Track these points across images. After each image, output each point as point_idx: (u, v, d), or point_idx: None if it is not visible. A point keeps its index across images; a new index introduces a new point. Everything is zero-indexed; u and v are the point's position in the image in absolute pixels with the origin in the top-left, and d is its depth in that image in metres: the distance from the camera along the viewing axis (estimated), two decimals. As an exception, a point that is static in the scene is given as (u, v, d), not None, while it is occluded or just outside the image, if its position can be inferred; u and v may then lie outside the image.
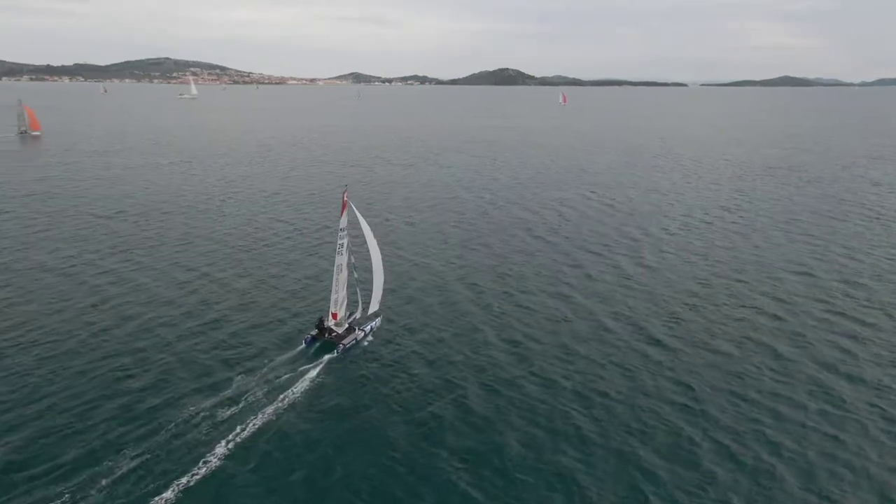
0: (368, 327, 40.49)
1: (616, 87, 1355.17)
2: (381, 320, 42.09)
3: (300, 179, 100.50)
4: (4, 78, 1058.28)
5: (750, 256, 58.80)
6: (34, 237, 61.88)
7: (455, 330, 41.05)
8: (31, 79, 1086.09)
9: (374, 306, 40.53)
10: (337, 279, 39.04)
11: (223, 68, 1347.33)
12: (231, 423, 28.99)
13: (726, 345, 39.13)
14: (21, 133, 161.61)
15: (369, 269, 40.11)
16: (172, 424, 28.71)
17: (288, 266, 54.50)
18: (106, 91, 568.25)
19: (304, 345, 37.97)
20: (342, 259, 38.77)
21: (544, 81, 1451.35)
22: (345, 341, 37.87)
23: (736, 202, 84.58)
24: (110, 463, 26.01)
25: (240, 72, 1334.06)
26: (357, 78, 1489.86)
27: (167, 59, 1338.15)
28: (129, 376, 33.62)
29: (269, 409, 30.16)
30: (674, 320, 43.11)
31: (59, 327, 40.18)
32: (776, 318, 43.86)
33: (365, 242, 39.61)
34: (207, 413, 29.78)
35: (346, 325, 39.81)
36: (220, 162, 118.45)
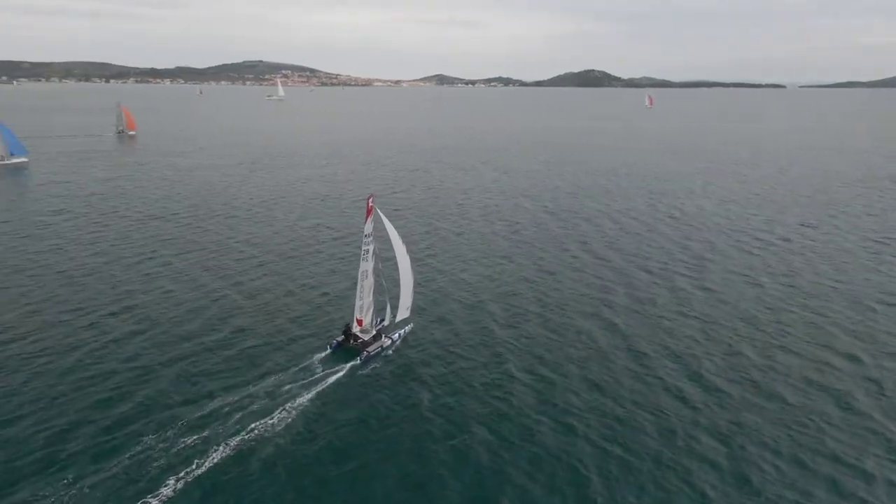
0: (396, 335, 39.64)
1: (707, 89, 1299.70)
2: (412, 328, 40.91)
3: (356, 183, 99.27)
4: (112, 80, 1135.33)
5: (830, 281, 52.07)
6: (84, 238, 62.92)
7: (478, 359, 37.49)
8: (136, 81, 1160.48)
9: (402, 314, 39.60)
10: (361, 285, 38.33)
11: (313, 70, 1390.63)
12: (190, 458, 26.63)
13: (782, 388, 33.72)
14: (119, 132, 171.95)
15: (397, 277, 39.07)
16: (127, 457, 26.65)
17: (320, 277, 52.52)
18: (202, 93, 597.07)
19: (329, 350, 37.42)
20: (367, 265, 38.13)
21: (631, 83, 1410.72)
22: (370, 348, 37.22)
23: (823, 217, 76.42)
24: (74, 491, 24.38)
25: (328, 74, 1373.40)
26: (441, 80, 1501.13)
27: (260, 61, 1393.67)
28: (121, 397, 31.99)
29: (236, 441, 27.82)
30: (724, 355, 37.89)
31: (72, 335, 39.54)
32: (851, 358, 37.82)
33: (392, 249, 38.32)
34: (169, 444, 27.62)
35: (374, 332, 38.90)
36: (284, 164, 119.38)
